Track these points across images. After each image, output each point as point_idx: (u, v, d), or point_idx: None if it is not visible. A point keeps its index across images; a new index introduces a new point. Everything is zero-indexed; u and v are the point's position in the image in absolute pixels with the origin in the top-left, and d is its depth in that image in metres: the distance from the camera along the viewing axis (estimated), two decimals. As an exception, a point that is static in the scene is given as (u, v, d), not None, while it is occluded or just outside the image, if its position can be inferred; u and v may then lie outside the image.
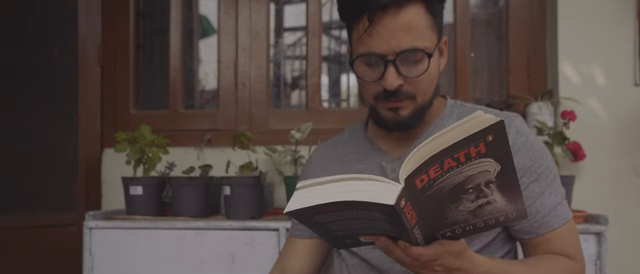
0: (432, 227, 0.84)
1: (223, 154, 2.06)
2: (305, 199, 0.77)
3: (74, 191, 2.14)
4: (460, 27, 2.13)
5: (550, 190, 1.07)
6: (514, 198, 0.81)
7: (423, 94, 1.07)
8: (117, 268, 1.63)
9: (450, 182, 0.78)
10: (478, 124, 0.73)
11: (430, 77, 1.05)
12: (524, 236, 1.09)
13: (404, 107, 1.06)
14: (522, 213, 0.83)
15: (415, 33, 1.01)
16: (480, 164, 0.76)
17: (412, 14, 1.01)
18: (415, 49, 1.01)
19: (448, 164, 0.75)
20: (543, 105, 1.92)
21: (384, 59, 1.02)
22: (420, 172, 0.76)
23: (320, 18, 2.15)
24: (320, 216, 0.80)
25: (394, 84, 1.02)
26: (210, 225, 1.62)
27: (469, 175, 0.77)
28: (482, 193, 0.79)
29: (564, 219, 1.08)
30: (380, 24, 1.00)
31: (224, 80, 2.17)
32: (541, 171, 1.06)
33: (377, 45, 1.01)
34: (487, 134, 0.73)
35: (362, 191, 0.75)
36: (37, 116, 2.14)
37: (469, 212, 0.82)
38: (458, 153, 0.74)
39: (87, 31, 2.16)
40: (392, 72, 1.02)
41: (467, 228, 0.85)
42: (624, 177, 1.93)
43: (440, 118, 1.15)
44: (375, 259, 1.12)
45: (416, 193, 0.77)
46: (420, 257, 0.84)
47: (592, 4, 1.95)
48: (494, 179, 0.78)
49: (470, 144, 0.73)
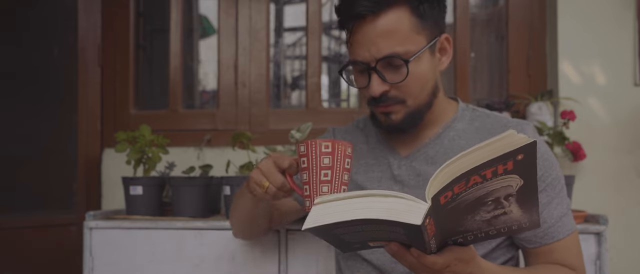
0: (444, 234, 0.84)
1: (223, 154, 2.06)
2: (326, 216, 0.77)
3: (74, 191, 2.14)
4: (460, 27, 2.13)
5: (557, 200, 1.07)
6: (530, 210, 0.81)
7: (414, 98, 1.06)
8: (117, 268, 1.63)
9: (472, 197, 0.77)
10: (510, 144, 0.72)
11: (418, 80, 1.05)
12: (528, 245, 1.09)
13: (395, 112, 1.07)
14: (536, 222, 0.83)
15: (394, 38, 1.01)
16: (504, 180, 0.75)
17: (391, 20, 1.01)
18: (394, 55, 1.01)
19: (473, 180, 0.75)
20: (543, 105, 1.92)
21: (368, 67, 1.04)
22: (446, 189, 0.75)
23: (320, 18, 2.15)
24: (338, 229, 0.80)
25: (377, 91, 1.03)
26: (210, 225, 1.62)
27: (491, 190, 0.77)
28: (500, 205, 0.79)
29: (569, 230, 1.08)
30: (360, 32, 1.03)
31: (224, 80, 2.17)
32: (549, 181, 1.06)
33: (359, 53, 1.04)
34: (518, 153, 0.72)
35: (387, 209, 0.75)
36: (37, 116, 2.14)
37: (484, 221, 0.82)
38: (485, 171, 0.74)
39: (87, 31, 2.16)
40: (375, 79, 1.03)
41: (479, 235, 0.85)
42: (624, 177, 1.93)
43: (451, 121, 1.15)
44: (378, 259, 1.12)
45: (439, 208, 0.77)
46: (433, 265, 0.85)
47: (592, 3, 1.95)
48: (514, 193, 0.77)
49: (500, 162, 0.73)
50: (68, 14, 2.15)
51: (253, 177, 1.03)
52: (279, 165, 0.99)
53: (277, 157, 1.00)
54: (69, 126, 2.16)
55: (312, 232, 0.82)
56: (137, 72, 2.25)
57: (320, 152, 0.93)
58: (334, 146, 0.93)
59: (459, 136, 1.13)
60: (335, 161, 0.93)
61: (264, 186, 1.00)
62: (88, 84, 2.16)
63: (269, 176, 1.00)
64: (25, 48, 2.14)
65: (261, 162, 1.02)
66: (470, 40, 2.15)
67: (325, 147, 0.93)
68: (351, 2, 1.02)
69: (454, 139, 1.13)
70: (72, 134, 2.15)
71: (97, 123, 2.17)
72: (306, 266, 1.59)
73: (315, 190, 0.94)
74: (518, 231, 0.85)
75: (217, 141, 2.12)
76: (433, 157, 1.12)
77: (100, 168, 2.14)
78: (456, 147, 1.11)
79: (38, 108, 2.15)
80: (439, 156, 1.12)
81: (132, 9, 2.20)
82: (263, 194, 1.02)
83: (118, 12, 2.18)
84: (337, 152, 0.94)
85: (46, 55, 2.17)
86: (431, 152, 1.13)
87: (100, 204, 2.14)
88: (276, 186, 1.00)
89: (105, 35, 2.18)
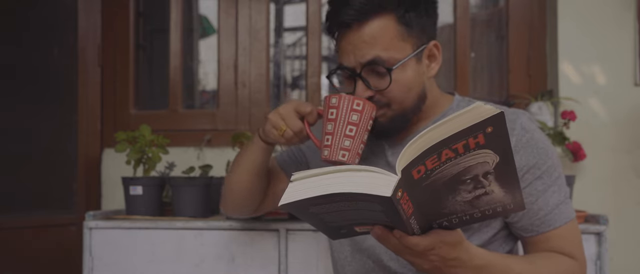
0: (428, 217, 0.84)
1: (223, 154, 2.06)
2: (300, 191, 0.77)
3: (74, 191, 2.13)
4: (460, 27, 2.13)
5: (553, 188, 1.07)
6: (512, 190, 0.80)
7: (399, 103, 1.07)
8: (117, 268, 1.63)
9: (447, 173, 0.77)
10: (477, 115, 0.72)
11: (403, 86, 1.06)
12: (525, 233, 1.09)
13: (381, 115, 1.08)
14: (520, 204, 0.83)
15: (378, 45, 1.03)
16: (478, 155, 0.75)
17: (376, 27, 1.03)
18: (377, 60, 1.03)
19: (446, 155, 0.75)
20: (543, 105, 1.92)
21: (353, 73, 1.06)
22: (418, 163, 0.75)
23: (320, 18, 2.16)
24: (315, 207, 0.80)
25: (362, 96, 1.05)
26: (210, 225, 1.62)
27: (467, 166, 0.76)
28: (479, 184, 0.79)
29: (567, 218, 1.07)
30: (346, 39, 1.05)
31: (224, 80, 2.17)
32: (545, 169, 1.06)
33: (345, 59, 1.06)
34: (487, 125, 0.72)
35: (358, 182, 0.75)
36: (37, 116, 2.14)
37: (466, 202, 0.81)
38: (456, 144, 0.74)
39: (87, 31, 2.16)
40: (360, 85, 1.06)
41: (464, 217, 0.84)
42: (624, 177, 1.93)
43: (447, 110, 1.15)
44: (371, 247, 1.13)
45: (413, 184, 0.77)
46: (415, 247, 0.84)
47: (592, 4, 1.96)
48: (492, 170, 0.77)
49: (469, 135, 0.73)
50: (68, 14, 2.15)
51: (271, 119, 1.06)
52: (300, 111, 1.04)
53: (298, 104, 1.04)
54: (69, 126, 2.16)
55: (292, 212, 0.83)
56: (137, 72, 2.25)
57: (352, 108, 0.99)
58: (364, 105, 1.00)
59: None
60: (362, 119, 1.00)
61: (282, 129, 1.03)
62: (88, 84, 2.16)
63: (288, 120, 1.04)
64: (25, 48, 2.14)
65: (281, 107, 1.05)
66: (470, 40, 2.15)
67: (356, 105, 1.00)
68: (337, 10, 1.05)
69: None
70: (72, 134, 2.15)
71: (97, 123, 2.17)
72: (306, 266, 1.59)
73: (338, 142, 1.00)
74: (503, 213, 0.84)
75: (217, 141, 2.12)
76: None
77: (100, 168, 2.14)
78: None
79: (38, 108, 2.15)
80: None
81: (132, 9, 2.20)
82: (278, 138, 1.05)
83: (118, 12, 2.18)
84: (366, 111, 1.00)
85: (46, 55, 2.17)
86: None
87: (100, 204, 2.14)
88: (294, 130, 1.03)
89: (105, 35, 2.18)
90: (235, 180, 1.23)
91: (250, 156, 1.19)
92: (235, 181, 1.23)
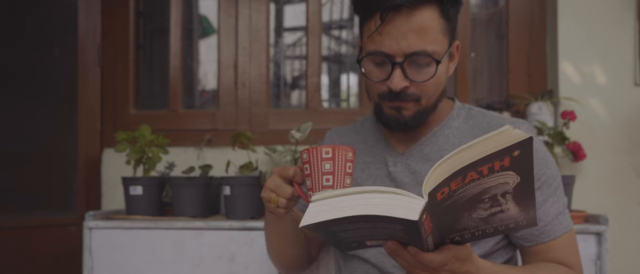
0: (442, 232, 0.84)
1: (223, 154, 2.06)
2: (323, 212, 0.77)
3: (73, 191, 2.13)
4: (460, 27, 2.13)
5: (553, 199, 1.07)
6: (527, 207, 0.80)
7: (428, 98, 1.06)
8: (117, 268, 1.63)
9: (469, 194, 0.77)
10: (506, 139, 0.72)
11: (437, 81, 1.05)
12: (525, 243, 1.09)
13: (407, 108, 1.06)
14: (533, 220, 0.83)
15: (426, 36, 1.00)
16: (500, 176, 0.75)
17: (425, 17, 1.00)
18: (425, 53, 1.00)
19: (470, 177, 0.74)
20: (543, 105, 1.92)
21: (392, 60, 1.01)
22: (443, 185, 0.75)
23: (320, 18, 2.15)
24: (334, 226, 0.80)
25: (399, 86, 1.02)
26: (210, 225, 1.62)
27: (488, 187, 0.76)
28: (496, 202, 0.79)
29: (565, 228, 1.08)
30: (392, 24, 0.99)
31: (224, 80, 2.17)
32: (545, 179, 1.06)
33: (386, 45, 1.01)
34: (514, 149, 0.72)
35: (384, 205, 0.75)
36: (37, 115, 2.14)
37: (480, 219, 0.81)
38: (482, 167, 0.73)
39: (87, 31, 2.16)
40: (398, 74, 1.01)
41: (477, 233, 0.84)
42: (624, 177, 1.93)
43: (447, 119, 1.15)
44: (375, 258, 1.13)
45: (435, 204, 0.77)
46: (430, 263, 0.84)
47: (592, 3, 1.95)
48: (511, 190, 0.77)
49: (496, 158, 0.72)
50: (68, 14, 2.15)
51: (263, 197, 1.03)
52: (284, 176, 0.99)
53: (281, 169, 1.00)
54: (69, 126, 2.16)
55: (310, 229, 0.82)
56: (137, 72, 2.25)
57: (322, 158, 0.94)
58: (334, 151, 0.94)
59: (454, 134, 1.13)
60: (337, 166, 0.94)
61: (274, 201, 1.00)
62: (88, 84, 2.16)
63: (278, 190, 1.00)
64: (25, 48, 2.14)
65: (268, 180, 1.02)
66: (470, 40, 2.15)
67: (325, 153, 0.94)
68: None
69: (449, 137, 1.13)
70: (72, 133, 2.15)
71: (97, 123, 2.17)
72: (306, 266, 1.59)
73: None
74: (515, 230, 0.84)
75: (217, 141, 2.12)
76: (428, 155, 1.13)
77: (100, 168, 2.14)
78: (451, 145, 1.12)
79: (38, 108, 2.15)
80: (433, 153, 1.12)
81: (132, 9, 2.20)
82: (276, 209, 1.02)
83: (118, 12, 2.18)
84: (338, 157, 0.94)
85: (46, 56, 2.17)
86: (426, 149, 1.13)
87: (100, 204, 2.14)
88: (285, 198, 0.99)
89: (105, 35, 2.18)
90: (270, 249, 1.22)
91: (270, 230, 1.17)
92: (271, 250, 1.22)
